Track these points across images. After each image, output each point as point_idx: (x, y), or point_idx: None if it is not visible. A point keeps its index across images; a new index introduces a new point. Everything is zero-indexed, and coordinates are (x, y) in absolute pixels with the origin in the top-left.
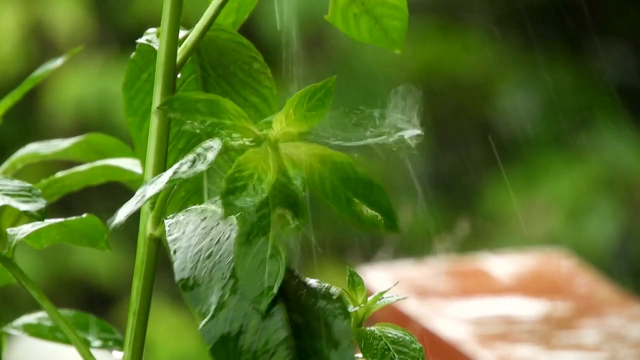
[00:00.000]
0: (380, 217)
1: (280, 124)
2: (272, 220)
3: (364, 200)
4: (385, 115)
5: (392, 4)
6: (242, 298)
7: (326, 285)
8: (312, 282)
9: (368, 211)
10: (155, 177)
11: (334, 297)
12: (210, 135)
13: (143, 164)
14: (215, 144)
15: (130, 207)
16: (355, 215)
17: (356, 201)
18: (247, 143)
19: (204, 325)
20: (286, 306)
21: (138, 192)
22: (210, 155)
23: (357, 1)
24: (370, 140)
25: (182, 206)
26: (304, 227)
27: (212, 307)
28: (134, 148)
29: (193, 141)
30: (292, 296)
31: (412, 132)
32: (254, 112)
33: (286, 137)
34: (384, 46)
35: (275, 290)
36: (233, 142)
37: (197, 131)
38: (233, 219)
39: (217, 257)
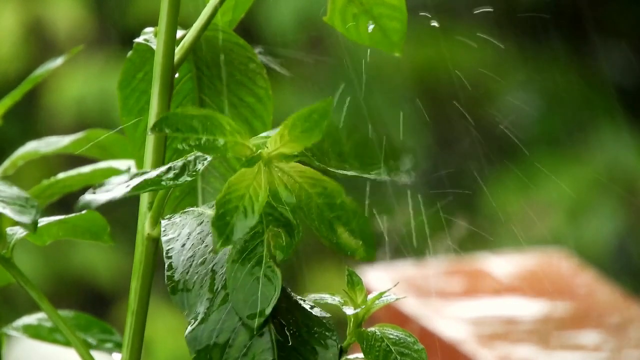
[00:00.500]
0: (359, 246)
1: (274, 144)
2: (265, 240)
3: (346, 227)
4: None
5: (391, 3)
6: (232, 312)
7: (318, 307)
8: (305, 302)
9: (348, 238)
10: (141, 171)
11: (325, 323)
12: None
13: (138, 163)
14: (207, 155)
15: (109, 196)
16: (334, 243)
17: (338, 227)
18: (242, 157)
19: (190, 332)
20: (275, 327)
21: (118, 181)
22: (200, 166)
23: (355, 1)
24: (361, 174)
25: (177, 206)
26: (295, 248)
27: (200, 316)
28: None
29: None
30: (282, 317)
31: (403, 178)
32: (249, 112)
33: (280, 158)
34: (384, 49)
35: (268, 312)
36: (227, 156)
37: (194, 150)
38: None
39: (211, 265)
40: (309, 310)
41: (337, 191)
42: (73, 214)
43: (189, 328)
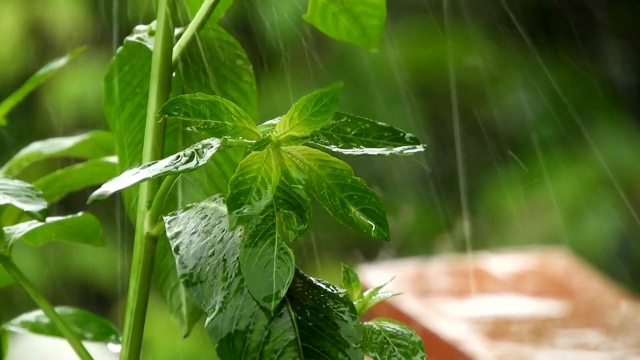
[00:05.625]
0: (372, 224)
1: (283, 127)
2: (277, 222)
3: (358, 207)
4: (389, 129)
5: (371, 2)
6: (249, 297)
7: (332, 285)
8: (318, 282)
9: (361, 217)
10: (151, 162)
11: (341, 298)
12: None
13: (120, 151)
14: (214, 142)
15: (119, 185)
16: (348, 220)
17: (350, 207)
18: (249, 143)
19: (210, 323)
20: (293, 307)
21: (129, 172)
22: (209, 153)
23: (336, 0)
24: (369, 152)
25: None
26: (308, 228)
27: (218, 306)
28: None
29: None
30: (299, 297)
31: (413, 149)
32: None
33: (288, 140)
34: (361, 45)
35: (283, 293)
36: (234, 141)
37: (202, 133)
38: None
39: (221, 255)
40: (324, 287)
41: (347, 171)
42: (69, 216)
43: (208, 319)
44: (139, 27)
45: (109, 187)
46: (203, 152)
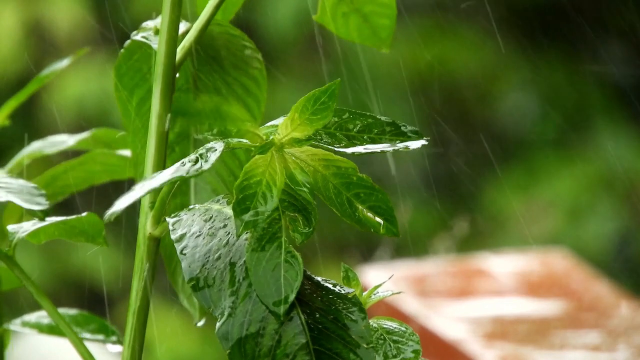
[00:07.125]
0: (380, 221)
1: (285, 129)
2: (284, 225)
3: (365, 204)
4: (391, 123)
5: (381, 1)
6: (258, 301)
7: (339, 285)
8: (326, 282)
9: (369, 215)
10: (156, 172)
11: (350, 298)
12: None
13: (131, 138)
14: (217, 146)
15: (130, 199)
16: (356, 219)
17: (358, 205)
18: (252, 146)
19: (220, 328)
20: (303, 310)
21: (137, 185)
22: (213, 157)
23: (346, 0)
24: (373, 148)
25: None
26: (314, 230)
27: (227, 311)
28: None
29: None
30: (308, 299)
31: (416, 143)
32: (243, 90)
33: (291, 142)
34: (372, 45)
35: (292, 298)
36: (238, 144)
37: (210, 137)
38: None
39: (228, 259)
40: (332, 288)
41: (352, 169)
42: (73, 216)
43: (218, 324)
44: (146, 23)
45: (121, 204)
46: (207, 156)
